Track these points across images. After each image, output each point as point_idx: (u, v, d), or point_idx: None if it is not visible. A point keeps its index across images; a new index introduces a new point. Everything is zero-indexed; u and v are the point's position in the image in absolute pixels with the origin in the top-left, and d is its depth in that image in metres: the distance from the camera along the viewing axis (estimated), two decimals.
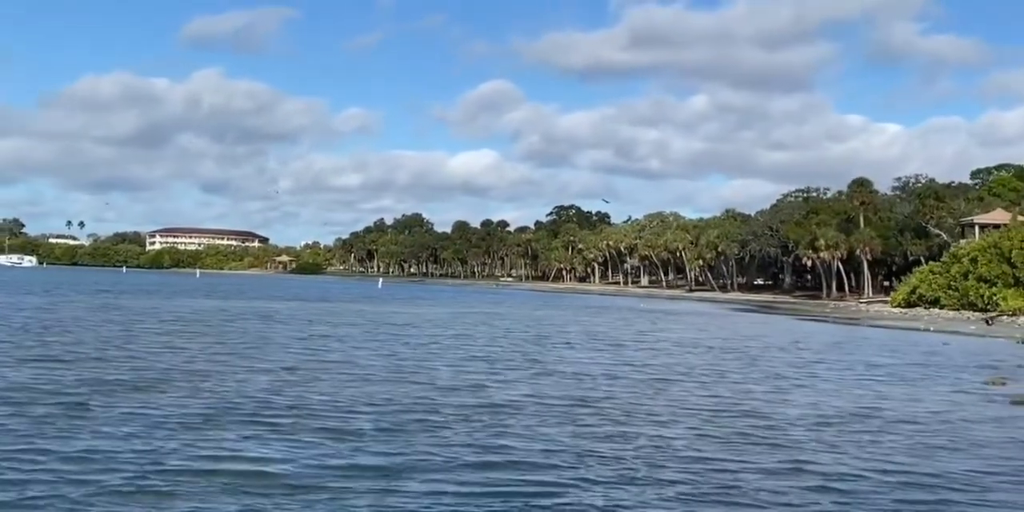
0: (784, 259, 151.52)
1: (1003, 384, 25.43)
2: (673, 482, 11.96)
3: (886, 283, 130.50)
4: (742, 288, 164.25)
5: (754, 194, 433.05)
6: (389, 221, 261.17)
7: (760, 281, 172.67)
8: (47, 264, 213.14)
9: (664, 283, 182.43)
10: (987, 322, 62.28)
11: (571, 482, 11.71)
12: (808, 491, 11.83)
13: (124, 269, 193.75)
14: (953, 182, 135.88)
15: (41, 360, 22.81)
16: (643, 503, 10.96)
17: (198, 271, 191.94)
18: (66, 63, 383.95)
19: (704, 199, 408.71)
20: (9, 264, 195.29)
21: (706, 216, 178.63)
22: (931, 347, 41.26)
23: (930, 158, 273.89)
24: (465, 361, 27.16)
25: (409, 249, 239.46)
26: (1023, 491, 12.36)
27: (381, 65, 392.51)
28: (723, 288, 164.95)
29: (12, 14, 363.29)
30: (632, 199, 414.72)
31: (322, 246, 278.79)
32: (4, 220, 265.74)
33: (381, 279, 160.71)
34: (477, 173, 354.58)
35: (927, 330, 59.35)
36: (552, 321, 55.50)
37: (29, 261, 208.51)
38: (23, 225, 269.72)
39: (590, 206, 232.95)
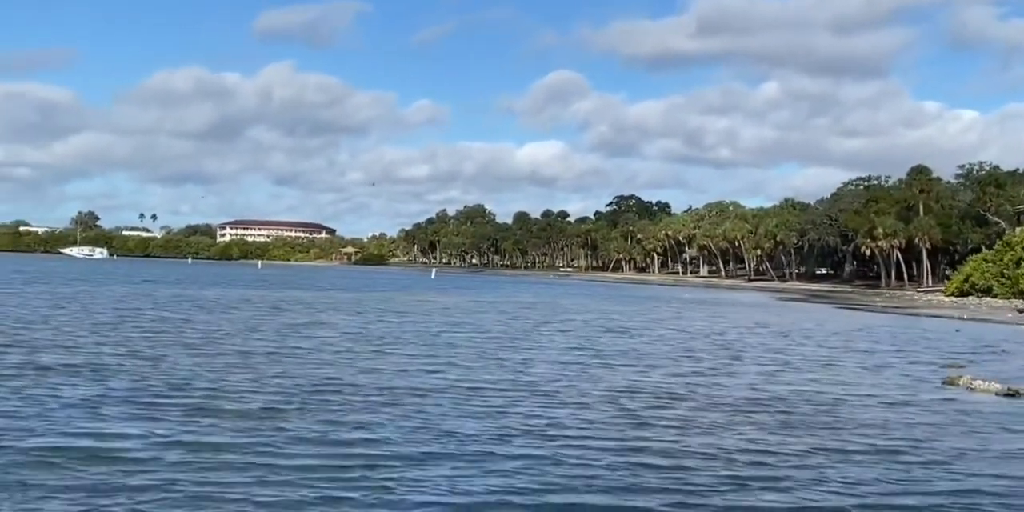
0: (844, 248, 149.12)
1: (961, 367, 25.02)
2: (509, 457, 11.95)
3: (948, 272, 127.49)
4: (802, 278, 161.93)
5: (826, 183, 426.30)
6: (452, 213, 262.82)
7: (823, 271, 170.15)
8: (118, 256, 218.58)
9: (723, 273, 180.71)
10: (1020, 311, 60.55)
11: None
12: (629, 464, 11.69)
13: (190, 260, 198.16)
14: (1019, 169, 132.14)
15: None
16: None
17: (259, 263, 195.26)
18: (140, 59, 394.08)
19: (775, 188, 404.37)
20: (81, 256, 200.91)
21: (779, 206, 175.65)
22: (941, 335, 40.54)
23: (1007, 145, 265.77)
24: (397, 345, 27.26)
25: (470, 240, 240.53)
26: (831, 467, 12.08)
27: (449, 57, 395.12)
28: (782, 278, 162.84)
29: (87, 12, 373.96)
30: (701, 188, 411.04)
31: (388, 238, 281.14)
32: (80, 213, 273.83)
33: (435, 270, 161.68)
34: (544, 164, 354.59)
35: (962, 319, 58.16)
36: (567, 308, 55.41)
37: (100, 253, 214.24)
38: (98, 218, 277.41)
39: (657, 196, 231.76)
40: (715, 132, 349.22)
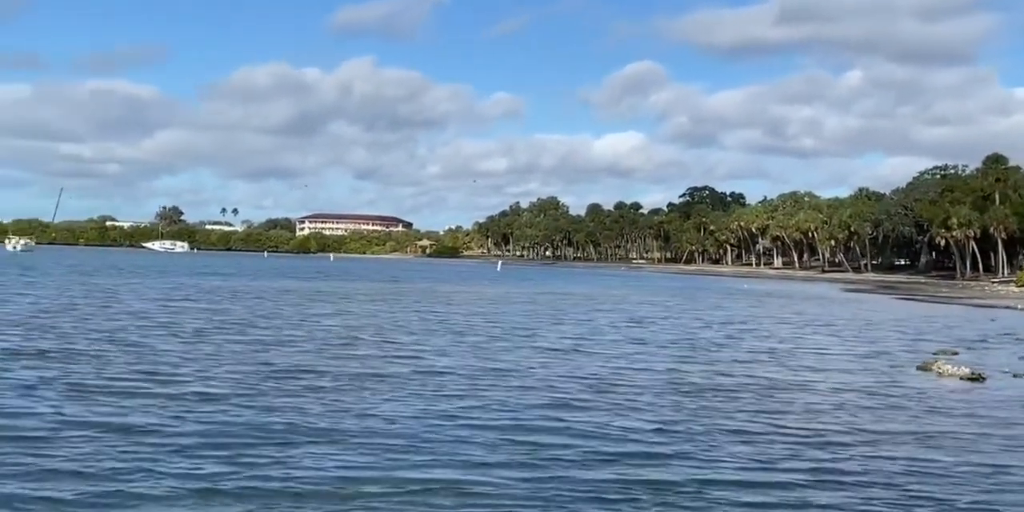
0: (920, 239, 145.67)
1: (954, 354, 24.63)
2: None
3: None
4: (878, 269, 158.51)
5: (913, 172, 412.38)
6: (525, 205, 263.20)
7: (901, 262, 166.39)
8: (198, 250, 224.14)
9: (797, 264, 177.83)
10: None
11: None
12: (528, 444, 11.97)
13: (266, 254, 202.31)
14: None
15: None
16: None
17: (332, 256, 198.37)
18: (223, 55, 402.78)
19: (860, 178, 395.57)
20: (162, 250, 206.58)
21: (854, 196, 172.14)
22: (971, 324, 39.88)
23: None
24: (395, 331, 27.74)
25: (543, 232, 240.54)
26: (718, 447, 12.16)
27: (526, 49, 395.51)
28: (857, 269, 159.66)
29: (170, 10, 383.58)
30: (783, 179, 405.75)
31: (463, 230, 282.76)
32: (164, 208, 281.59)
33: (500, 262, 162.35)
34: (623, 155, 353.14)
35: (1017, 308, 56.95)
36: (600, 299, 55.48)
37: (181, 247, 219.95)
38: (181, 213, 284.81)
39: (737, 187, 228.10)
40: (798, 121, 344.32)
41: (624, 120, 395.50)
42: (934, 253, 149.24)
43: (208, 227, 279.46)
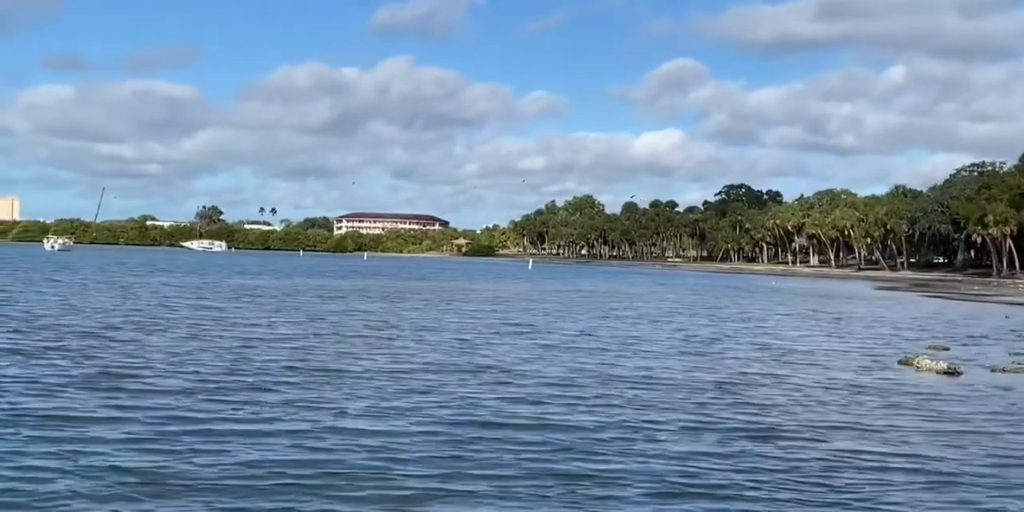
0: (956, 236, 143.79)
1: (945, 350, 24.53)
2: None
3: None
4: (914, 267, 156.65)
5: (955, 169, 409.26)
6: (561, 203, 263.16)
7: (939, 260, 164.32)
8: (237, 249, 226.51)
9: (832, 262, 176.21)
10: None
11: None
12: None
13: (301, 253, 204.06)
14: None
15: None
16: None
17: (365, 255, 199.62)
18: (261, 55, 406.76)
19: (901, 175, 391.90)
20: (200, 249, 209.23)
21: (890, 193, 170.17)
22: (982, 321, 39.52)
23: None
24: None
25: (578, 231, 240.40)
26: (658, 441, 12.26)
27: (562, 47, 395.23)
28: (893, 267, 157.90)
29: (208, 10, 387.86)
30: (824, 176, 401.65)
31: (500, 229, 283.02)
32: (203, 207, 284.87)
33: (531, 261, 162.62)
34: (662, 153, 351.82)
35: None
36: (619, 296, 55.54)
37: (219, 246, 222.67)
38: (221, 212, 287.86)
39: (777, 184, 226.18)
40: (838, 118, 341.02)
41: (663, 118, 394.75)
42: (971, 251, 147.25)
43: (247, 226, 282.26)
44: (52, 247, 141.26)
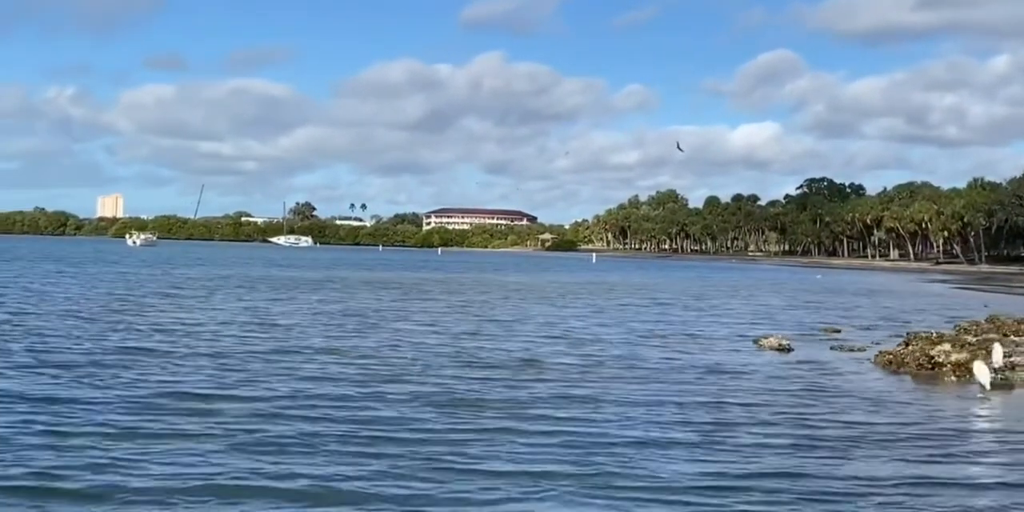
0: None
1: (836, 332, 27.44)
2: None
3: None
4: (993, 260, 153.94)
5: None
6: (643, 198, 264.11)
7: (1022, 253, 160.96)
8: (321, 244, 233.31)
9: (911, 256, 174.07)
10: None
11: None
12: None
13: (380, 248, 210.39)
14: None
15: None
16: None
17: (440, 249, 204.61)
18: (354, 53, 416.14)
19: (1007, 167, 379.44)
20: (287, 244, 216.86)
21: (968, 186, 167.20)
22: (959, 308, 41.39)
23: None
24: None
25: (659, 225, 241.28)
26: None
27: (656, 40, 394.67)
28: (972, 261, 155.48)
29: (302, 9, 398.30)
30: (927, 169, 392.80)
31: (586, 224, 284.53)
32: (297, 204, 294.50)
33: (594, 255, 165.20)
34: (758, 146, 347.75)
35: None
36: (652, 288, 58.14)
37: (305, 241, 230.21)
38: (314, 209, 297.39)
39: (878, 178, 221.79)
40: (941, 109, 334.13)
41: (759, 110, 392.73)
42: None
43: (338, 222, 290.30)
44: (134, 242, 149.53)
